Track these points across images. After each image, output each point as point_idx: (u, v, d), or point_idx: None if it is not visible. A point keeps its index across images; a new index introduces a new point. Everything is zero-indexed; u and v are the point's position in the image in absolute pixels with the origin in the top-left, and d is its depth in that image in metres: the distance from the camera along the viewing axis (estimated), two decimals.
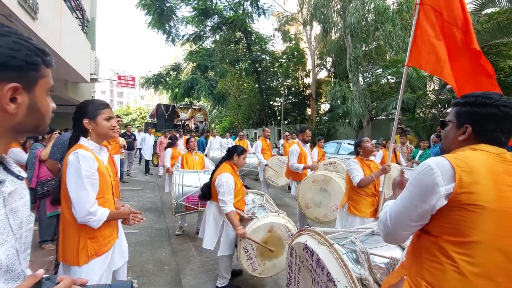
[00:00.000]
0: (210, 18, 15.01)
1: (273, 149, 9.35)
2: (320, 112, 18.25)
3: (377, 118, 12.11)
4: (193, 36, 15.48)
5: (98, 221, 1.49)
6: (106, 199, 1.58)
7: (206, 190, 2.74)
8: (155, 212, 5.13)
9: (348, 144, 8.87)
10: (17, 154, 3.51)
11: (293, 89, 19.24)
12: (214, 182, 2.56)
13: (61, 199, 1.55)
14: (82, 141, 1.57)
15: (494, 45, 7.18)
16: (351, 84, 11.21)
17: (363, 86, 11.51)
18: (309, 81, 18.24)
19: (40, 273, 0.61)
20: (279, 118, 18.15)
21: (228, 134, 11.57)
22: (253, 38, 15.77)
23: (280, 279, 2.85)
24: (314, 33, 15.75)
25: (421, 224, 0.97)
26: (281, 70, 17.44)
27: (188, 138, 4.73)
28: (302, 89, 19.04)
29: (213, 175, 2.66)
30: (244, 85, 20.65)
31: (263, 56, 16.67)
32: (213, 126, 23.95)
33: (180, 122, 14.57)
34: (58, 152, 2.49)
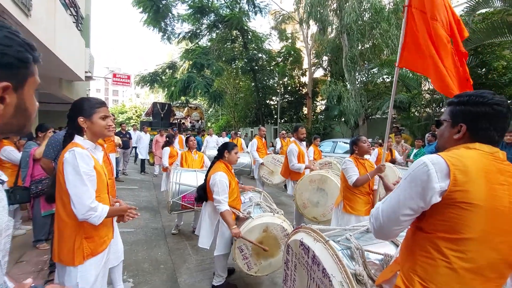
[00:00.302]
0: (206, 16, 14.91)
1: (269, 148, 9.35)
2: (316, 111, 18.31)
3: (372, 117, 12.19)
4: (189, 34, 15.37)
5: (99, 217, 1.48)
6: (102, 198, 1.57)
7: (202, 192, 2.71)
8: (151, 211, 5.11)
9: (344, 143, 8.93)
10: (9, 152, 3.47)
11: (289, 88, 19.26)
12: (209, 182, 2.56)
13: (56, 199, 1.53)
14: (77, 139, 1.56)
15: (488, 45, 7.26)
16: (347, 83, 11.26)
17: (359, 85, 11.57)
18: (305, 80, 18.28)
19: (28, 282, 0.59)
20: (276, 117, 18.16)
21: (224, 132, 11.55)
22: (249, 37, 15.72)
23: (276, 277, 2.87)
24: (311, 32, 15.76)
25: (412, 219, 0.99)
26: (277, 69, 17.45)
27: (187, 136, 4.73)
28: (298, 88, 19.08)
29: (207, 176, 2.66)
30: (240, 83, 20.60)
31: (260, 54, 16.65)
32: (209, 124, 23.87)
33: (176, 121, 14.50)
34: (52, 150, 2.46)
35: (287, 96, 19.34)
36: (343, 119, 12.48)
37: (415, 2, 2.24)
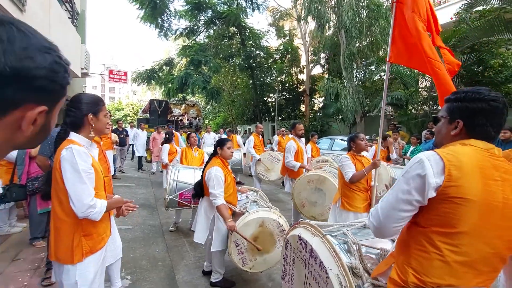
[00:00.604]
0: (203, 13, 14.78)
1: (266, 145, 9.35)
2: (314, 108, 18.33)
3: (370, 114, 12.23)
4: (186, 30, 15.24)
5: (99, 212, 1.47)
6: (99, 196, 1.56)
7: (198, 188, 2.72)
8: (149, 208, 5.11)
9: (341, 140, 8.95)
10: None
11: (287, 85, 19.22)
12: (205, 177, 2.57)
13: (52, 197, 1.52)
14: (73, 136, 1.54)
15: (484, 42, 7.30)
16: (345, 80, 11.27)
17: (357, 82, 11.59)
18: (303, 77, 18.26)
19: None
20: (273, 114, 18.15)
21: (222, 130, 11.55)
22: (247, 33, 15.62)
23: (274, 274, 2.88)
24: (309, 29, 15.72)
25: (410, 216, 1.00)
26: (275, 66, 17.41)
27: (189, 133, 4.73)
28: (296, 85, 19.05)
29: (204, 172, 2.66)
30: (238, 80, 20.52)
31: (257, 51, 16.57)
32: (206, 122, 23.82)
33: (173, 118, 14.45)
34: (48, 148, 2.44)
35: (285, 93, 19.32)
36: (341, 117, 12.51)
37: None
